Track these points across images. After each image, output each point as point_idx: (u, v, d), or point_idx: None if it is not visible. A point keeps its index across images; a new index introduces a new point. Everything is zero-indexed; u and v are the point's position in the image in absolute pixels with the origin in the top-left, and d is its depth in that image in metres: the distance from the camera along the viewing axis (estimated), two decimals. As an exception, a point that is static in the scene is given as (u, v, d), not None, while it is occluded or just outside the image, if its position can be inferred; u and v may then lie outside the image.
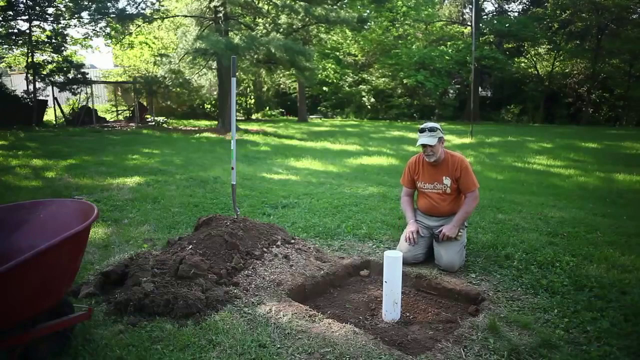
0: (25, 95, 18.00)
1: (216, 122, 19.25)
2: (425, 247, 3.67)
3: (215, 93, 21.04)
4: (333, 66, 27.05)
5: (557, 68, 25.51)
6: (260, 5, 17.81)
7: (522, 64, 26.73)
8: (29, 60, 17.62)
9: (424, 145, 3.61)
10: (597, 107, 24.34)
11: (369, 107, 26.87)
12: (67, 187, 6.34)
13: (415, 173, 3.85)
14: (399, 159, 10.45)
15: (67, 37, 19.05)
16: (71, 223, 2.32)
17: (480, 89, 26.64)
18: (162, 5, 18.97)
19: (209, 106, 25.60)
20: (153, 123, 19.76)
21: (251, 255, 3.35)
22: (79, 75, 18.77)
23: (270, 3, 17.11)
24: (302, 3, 16.01)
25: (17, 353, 2.11)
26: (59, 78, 18.53)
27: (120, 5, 35.57)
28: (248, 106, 27.04)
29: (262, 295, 2.95)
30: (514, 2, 29.18)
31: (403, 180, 3.97)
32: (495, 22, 26.40)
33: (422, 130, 3.64)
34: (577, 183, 7.63)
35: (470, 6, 26.47)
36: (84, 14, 18.25)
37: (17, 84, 20.85)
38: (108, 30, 19.15)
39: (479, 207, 5.36)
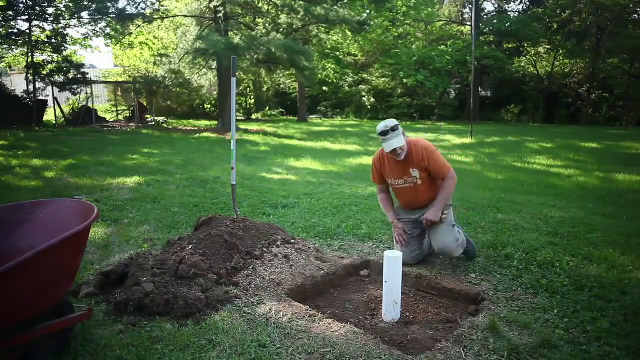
0: (25, 95, 17.98)
1: (216, 122, 19.25)
2: (420, 244, 3.62)
3: (215, 93, 21.05)
4: (333, 66, 27.04)
5: (557, 68, 25.49)
6: (260, 5, 17.81)
7: (522, 64, 26.72)
8: (29, 60, 17.60)
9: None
10: (597, 107, 24.31)
11: (369, 107, 26.88)
12: (67, 187, 6.34)
13: (384, 170, 3.66)
14: (399, 159, 10.42)
15: (67, 37, 19.03)
16: (71, 223, 2.32)
17: (480, 89, 26.63)
18: (162, 5, 18.97)
19: (209, 106, 25.60)
20: (153, 123, 19.76)
21: (251, 255, 3.35)
22: (79, 75, 18.75)
23: (270, 3, 17.11)
24: (302, 3, 16.00)
25: (17, 353, 2.11)
26: (59, 78, 18.51)
27: (120, 5, 35.55)
28: (248, 106, 27.04)
29: (262, 295, 2.95)
30: (514, 2, 29.20)
31: (374, 178, 3.81)
32: (495, 22, 26.38)
33: (384, 133, 3.36)
34: (577, 183, 7.63)
35: (470, 6, 26.47)
36: (84, 14, 18.25)
37: (17, 84, 20.85)
38: (108, 30, 19.14)
39: (479, 207, 5.37)
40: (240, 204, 5.27)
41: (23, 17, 17.52)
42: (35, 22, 17.80)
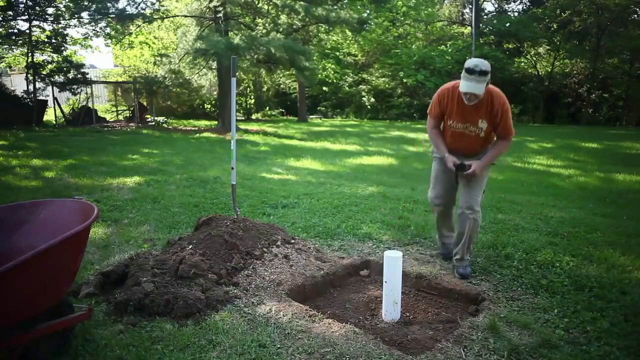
0: (25, 95, 17.97)
1: (216, 122, 19.24)
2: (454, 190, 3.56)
3: (215, 93, 21.04)
4: (333, 66, 27.03)
5: (557, 68, 25.49)
6: (260, 5, 17.81)
7: (522, 64, 26.72)
8: (29, 60, 17.59)
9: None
10: (597, 107, 24.31)
11: (369, 107, 26.85)
12: (67, 187, 6.34)
13: (447, 108, 3.34)
14: (399, 159, 10.45)
15: (67, 37, 19.01)
16: (71, 223, 2.32)
17: (480, 88, 26.57)
18: (162, 5, 18.97)
19: (209, 106, 25.58)
20: (153, 123, 19.75)
21: (251, 255, 3.35)
22: (79, 75, 18.73)
23: (270, 3, 17.11)
24: (302, 3, 16.00)
25: (17, 353, 2.12)
26: (59, 78, 18.48)
27: (120, 5, 35.60)
28: (248, 106, 27.02)
29: (262, 295, 2.95)
30: (514, 2, 29.20)
31: (431, 111, 3.48)
32: (495, 22, 26.39)
33: (470, 71, 3.03)
34: (577, 183, 7.63)
35: (470, 6, 26.47)
36: (84, 14, 18.24)
37: (17, 84, 20.82)
38: (108, 30, 19.14)
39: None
40: (240, 204, 5.27)
41: (23, 17, 17.51)
42: (35, 22, 17.79)
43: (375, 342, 2.44)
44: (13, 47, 19.02)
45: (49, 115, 20.09)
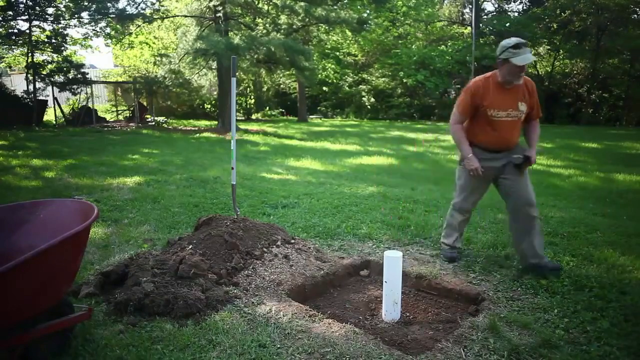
0: (25, 95, 17.97)
1: (216, 122, 19.25)
2: (482, 195, 3.59)
3: (215, 93, 21.05)
4: (333, 66, 27.05)
5: (557, 68, 25.49)
6: (260, 5, 17.81)
7: (522, 64, 26.69)
8: (29, 60, 17.60)
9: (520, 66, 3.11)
10: (597, 107, 24.31)
11: (369, 107, 26.87)
12: (67, 187, 6.34)
13: (484, 100, 3.26)
14: (399, 159, 10.45)
15: (67, 37, 19.02)
16: (71, 223, 2.32)
17: (480, 89, 26.59)
18: (162, 5, 18.98)
19: (209, 106, 25.60)
20: (153, 123, 19.76)
21: (251, 255, 3.35)
22: (79, 75, 18.74)
23: (270, 3, 17.11)
24: (302, 3, 16.00)
25: (17, 353, 2.12)
26: (59, 78, 18.49)
27: (120, 5, 35.58)
28: (248, 106, 27.04)
29: (262, 295, 2.95)
30: (514, 2, 29.19)
31: (463, 109, 3.39)
32: (495, 22, 26.39)
33: (517, 46, 3.10)
34: (577, 183, 7.63)
35: (470, 6, 26.48)
36: (84, 14, 18.26)
37: (17, 84, 20.82)
38: (108, 30, 19.15)
39: (479, 207, 5.33)
40: (240, 204, 5.27)
41: (23, 17, 17.52)
42: (35, 22, 17.80)
43: (375, 342, 2.44)
44: (13, 47, 19.03)
45: (49, 115, 20.09)
